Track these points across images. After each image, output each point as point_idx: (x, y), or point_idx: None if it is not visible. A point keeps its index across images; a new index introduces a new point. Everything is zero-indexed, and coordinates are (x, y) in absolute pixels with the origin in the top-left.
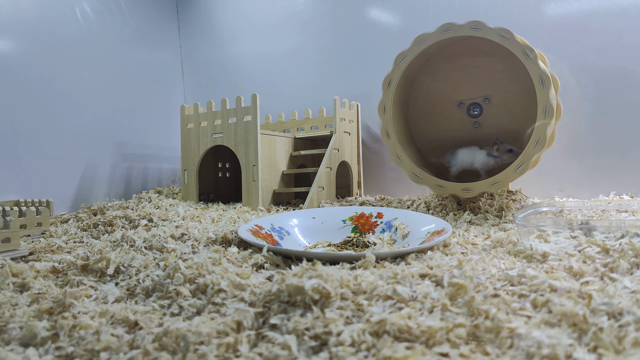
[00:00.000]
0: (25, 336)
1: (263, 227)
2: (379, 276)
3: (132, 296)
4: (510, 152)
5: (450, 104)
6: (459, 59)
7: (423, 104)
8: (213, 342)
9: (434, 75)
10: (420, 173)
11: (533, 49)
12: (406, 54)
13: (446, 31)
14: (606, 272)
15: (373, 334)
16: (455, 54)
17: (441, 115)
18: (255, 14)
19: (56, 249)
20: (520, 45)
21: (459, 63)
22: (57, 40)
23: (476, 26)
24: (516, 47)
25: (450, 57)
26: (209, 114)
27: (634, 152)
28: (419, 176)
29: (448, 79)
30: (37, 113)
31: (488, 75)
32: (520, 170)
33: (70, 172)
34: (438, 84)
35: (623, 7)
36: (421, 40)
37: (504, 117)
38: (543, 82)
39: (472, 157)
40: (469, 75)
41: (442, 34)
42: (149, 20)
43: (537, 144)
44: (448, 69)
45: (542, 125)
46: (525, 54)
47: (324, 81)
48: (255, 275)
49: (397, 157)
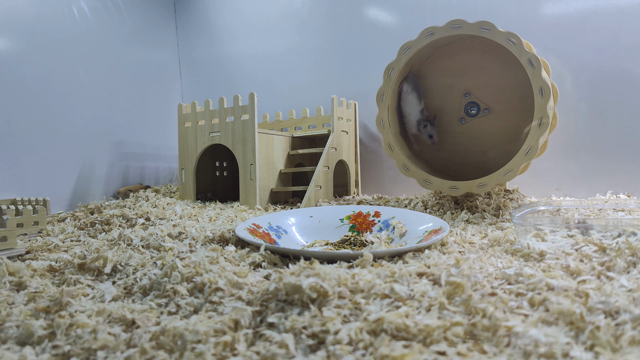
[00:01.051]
0: (22, 335)
1: (260, 225)
2: (377, 275)
3: (129, 295)
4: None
5: (448, 99)
6: (458, 56)
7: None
8: (210, 341)
9: (434, 70)
10: (410, 165)
11: (538, 58)
12: (412, 44)
13: (456, 27)
14: (603, 271)
15: (370, 332)
16: (456, 52)
17: (438, 110)
18: (252, 13)
19: (53, 248)
20: (527, 53)
21: (458, 60)
22: (54, 38)
23: (486, 27)
24: (522, 54)
25: (451, 54)
26: (207, 112)
27: (630, 151)
28: (408, 168)
29: (447, 75)
30: (34, 111)
31: (488, 74)
32: (508, 175)
33: (67, 170)
34: (437, 79)
35: (620, 7)
36: (429, 32)
37: (498, 118)
38: (543, 93)
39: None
40: (469, 74)
41: (452, 30)
42: (146, 18)
43: (528, 152)
44: (448, 65)
45: (534, 135)
46: (530, 62)
47: (321, 80)
48: (253, 274)
49: (389, 147)
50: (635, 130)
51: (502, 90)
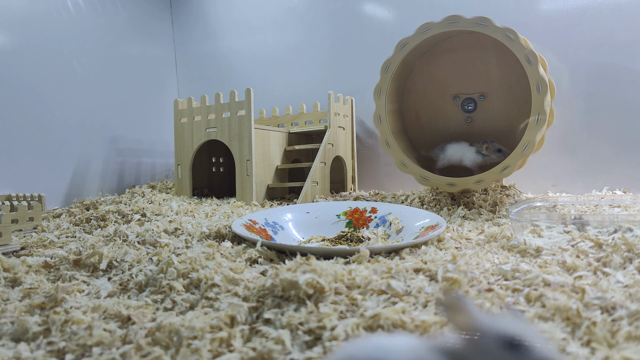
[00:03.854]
0: (17, 331)
1: (257, 221)
2: (373, 271)
3: (125, 291)
4: (499, 152)
5: (445, 97)
6: (456, 52)
7: (418, 95)
8: (206, 337)
9: (432, 66)
10: (407, 162)
11: (536, 54)
12: (408, 40)
13: (453, 23)
14: (599, 267)
15: (367, 328)
16: (453, 48)
17: (435, 107)
18: (250, 8)
19: (48, 244)
20: (524, 49)
21: (456, 57)
22: (48, 32)
23: (482, 22)
24: (520, 50)
25: (449, 50)
26: (203, 108)
27: (626, 147)
28: (405, 165)
29: (445, 72)
30: (28, 107)
31: (485, 71)
32: (505, 172)
33: (63, 166)
34: (435, 76)
35: (617, 3)
36: (425, 28)
37: (497, 114)
38: (540, 89)
39: (462, 153)
40: (466, 70)
41: (448, 25)
42: (142, 12)
43: (525, 148)
44: (445, 62)
45: (532, 131)
46: (527, 58)
47: (318, 76)
48: (249, 270)
49: (386, 144)
50: (631, 126)
51: (499, 86)
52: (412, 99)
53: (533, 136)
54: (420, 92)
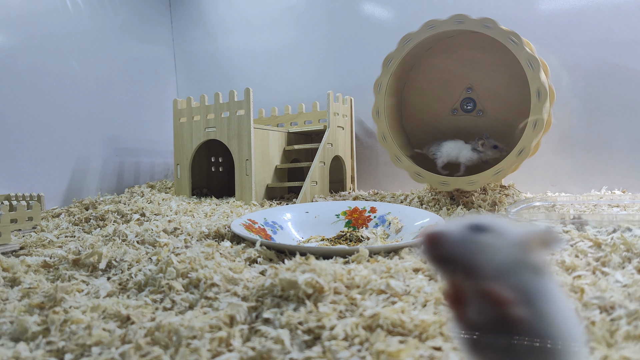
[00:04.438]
0: (16, 331)
1: (256, 221)
2: (373, 270)
3: (124, 291)
4: (495, 149)
5: (444, 95)
6: (457, 51)
7: (417, 91)
8: (206, 337)
9: (433, 64)
10: (402, 157)
11: (538, 59)
12: (413, 36)
13: (458, 22)
14: (598, 266)
15: (366, 328)
16: (454, 47)
17: (434, 105)
18: (248, 8)
19: (47, 244)
20: (527, 54)
21: (457, 55)
22: (47, 32)
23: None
24: (522, 55)
25: (450, 48)
26: (202, 108)
27: (625, 147)
28: (400, 160)
29: (446, 70)
30: (27, 106)
31: (485, 70)
32: (498, 175)
33: (62, 166)
34: (435, 74)
35: (616, 2)
36: (431, 25)
37: (496, 113)
38: (540, 96)
39: (458, 151)
40: (466, 68)
41: (454, 24)
42: (141, 12)
43: (520, 153)
44: (447, 60)
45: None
46: (530, 64)
47: (317, 75)
48: (249, 270)
49: (382, 138)
50: (630, 126)
51: (498, 86)
52: (411, 95)
53: (529, 142)
54: (420, 88)
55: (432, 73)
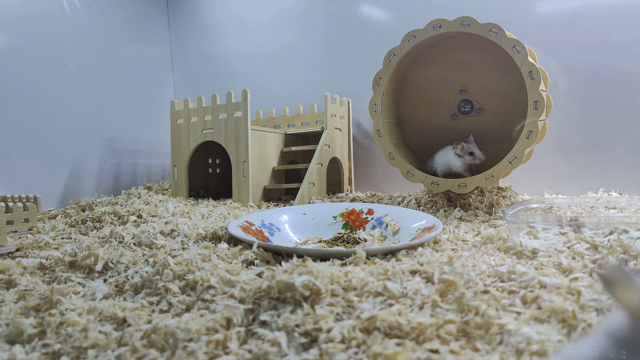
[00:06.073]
0: (12, 333)
1: (253, 223)
2: (370, 272)
3: (121, 293)
4: (471, 155)
5: (442, 97)
6: (455, 53)
7: (416, 91)
8: (202, 339)
9: (433, 63)
10: (395, 155)
11: (539, 70)
12: (417, 33)
13: (464, 25)
14: (595, 268)
15: (363, 330)
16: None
17: (431, 107)
18: (246, 9)
19: (44, 245)
20: (529, 64)
21: (455, 57)
22: (44, 33)
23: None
24: (525, 65)
25: (448, 50)
26: (199, 109)
27: (622, 149)
28: (393, 157)
29: (446, 69)
30: (24, 107)
31: (484, 72)
32: (489, 180)
33: (58, 167)
34: (436, 71)
35: (612, 5)
36: (436, 24)
37: (495, 106)
38: (537, 106)
39: (447, 158)
40: (465, 70)
41: (460, 27)
42: (138, 13)
43: (513, 161)
44: (447, 61)
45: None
46: (530, 74)
47: (315, 77)
48: (246, 272)
49: (377, 133)
50: (626, 128)
51: (496, 90)
52: (410, 94)
53: (522, 150)
54: (418, 89)
55: (432, 73)
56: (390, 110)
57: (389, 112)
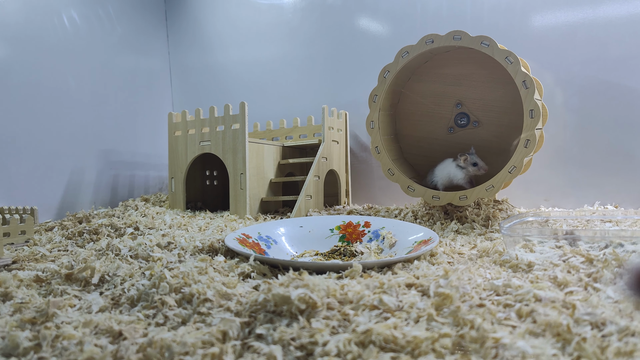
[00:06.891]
0: (7, 346)
1: (250, 235)
2: (366, 286)
3: (117, 306)
4: (475, 166)
5: (440, 107)
6: (453, 66)
7: (413, 106)
8: (198, 353)
9: (430, 75)
10: (395, 170)
11: (533, 80)
12: (410, 49)
13: (456, 38)
14: (590, 282)
15: (359, 344)
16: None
17: (428, 122)
18: (244, 22)
19: (40, 258)
20: (522, 75)
21: (451, 71)
22: (43, 45)
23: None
24: (518, 75)
25: (446, 63)
26: (197, 121)
27: (618, 162)
28: (392, 173)
29: (442, 83)
30: (22, 119)
31: (480, 86)
32: (490, 191)
33: (56, 179)
34: (431, 85)
35: (608, 18)
36: (429, 39)
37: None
38: (533, 116)
39: (448, 171)
40: (461, 83)
41: (452, 40)
42: (137, 26)
43: (512, 170)
44: (443, 73)
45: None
46: (525, 84)
47: (312, 90)
48: (242, 285)
49: (375, 150)
50: (623, 142)
51: (492, 103)
52: (406, 109)
53: (520, 160)
54: (415, 103)
55: (428, 85)
56: (387, 126)
57: (386, 128)
